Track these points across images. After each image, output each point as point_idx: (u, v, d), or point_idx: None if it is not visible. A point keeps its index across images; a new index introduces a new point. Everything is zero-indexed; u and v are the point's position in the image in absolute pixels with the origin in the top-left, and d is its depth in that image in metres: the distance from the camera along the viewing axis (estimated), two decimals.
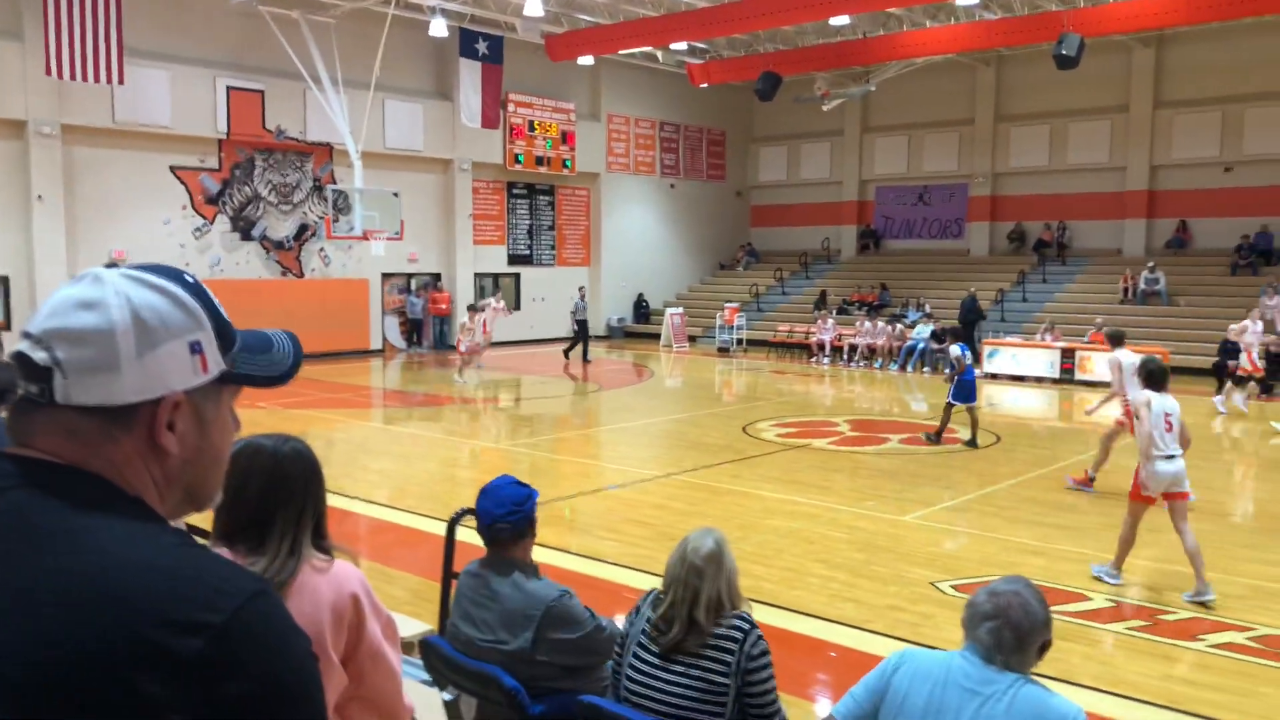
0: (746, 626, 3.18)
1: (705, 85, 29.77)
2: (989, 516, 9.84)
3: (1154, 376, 7.64)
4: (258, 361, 1.29)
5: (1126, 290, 25.64)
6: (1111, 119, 28.38)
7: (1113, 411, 11.55)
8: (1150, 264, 25.78)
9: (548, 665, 3.44)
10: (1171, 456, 7.31)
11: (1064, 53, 20.66)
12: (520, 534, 3.59)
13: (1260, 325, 17.61)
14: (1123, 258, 27.85)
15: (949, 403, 13.47)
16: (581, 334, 24.97)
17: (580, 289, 27.07)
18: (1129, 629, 6.71)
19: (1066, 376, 21.37)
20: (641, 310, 32.92)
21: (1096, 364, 21.23)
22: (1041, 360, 21.88)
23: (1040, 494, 10.83)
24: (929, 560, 8.25)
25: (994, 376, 22.26)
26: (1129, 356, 10.61)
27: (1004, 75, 30.23)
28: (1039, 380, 21.57)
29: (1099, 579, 7.57)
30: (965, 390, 13.22)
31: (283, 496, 2.32)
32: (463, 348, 20.47)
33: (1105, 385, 20.72)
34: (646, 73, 31.30)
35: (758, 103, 30.24)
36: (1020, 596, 2.72)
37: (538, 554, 3.82)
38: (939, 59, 27.30)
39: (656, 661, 3.20)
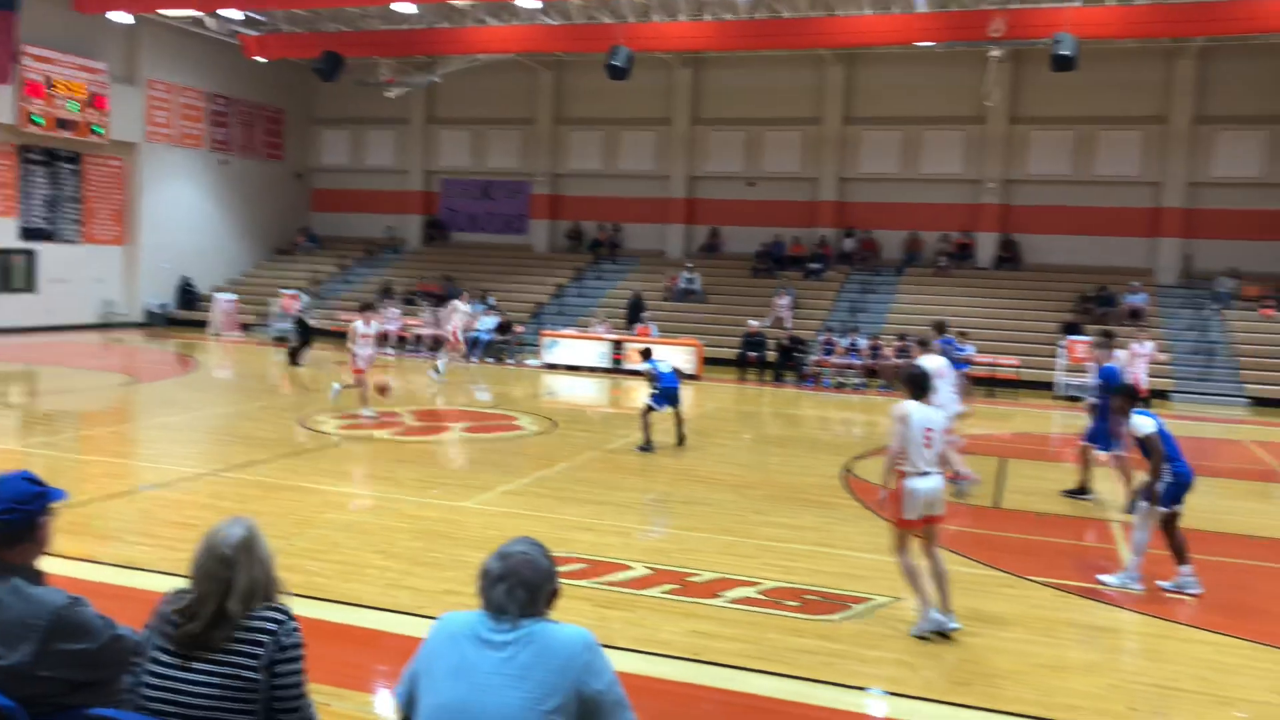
0: (282, 618, 3.03)
1: (262, 59, 28.10)
2: (544, 498, 10.30)
3: (916, 384, 6.91)
4: None
5: (669, 288, 28.08)
6: (657, 130, 30.93)
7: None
8: (689, 265, 28.47)
9: (53, 681, 3.03)
10: (927, 474, 6.68)
11: (615, 64, 22.14)
12: (18, 536, 3.12)
13: (1148, 346, 17.33)
14: (666, 259, 30.49)
15: (649, 407, 13.25)
16: (303, 334, 22.35)
17: (302, 290, 24.41)
18: (663, 593, 7.35)
19: (616, 366, 22.97)
20: (188, 295, 30.33)
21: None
22: (594, 351, 23.32)
23: (592, 474, 11.53)
24: (487, 543, 8.34)
25: (552, 366, 23.36)
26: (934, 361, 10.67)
27: (563, 79, 31.76)
28: (592, 370, 22.96)
29: (921, 637, 6.56)
30: (669, 396, 13.29)
31: None
32: (359, 364, 14.73)
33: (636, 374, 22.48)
34: (196, 39, 28.86)
35: (319, 83, 29.13)
36: (527, 555, 2.90)
37: (54, 566, 3.36)
38: (502, 57, 28.03)
39: (177, 663, 2.95)
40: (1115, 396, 8.37)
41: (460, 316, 20.27)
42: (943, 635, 6.57)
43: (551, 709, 2.67)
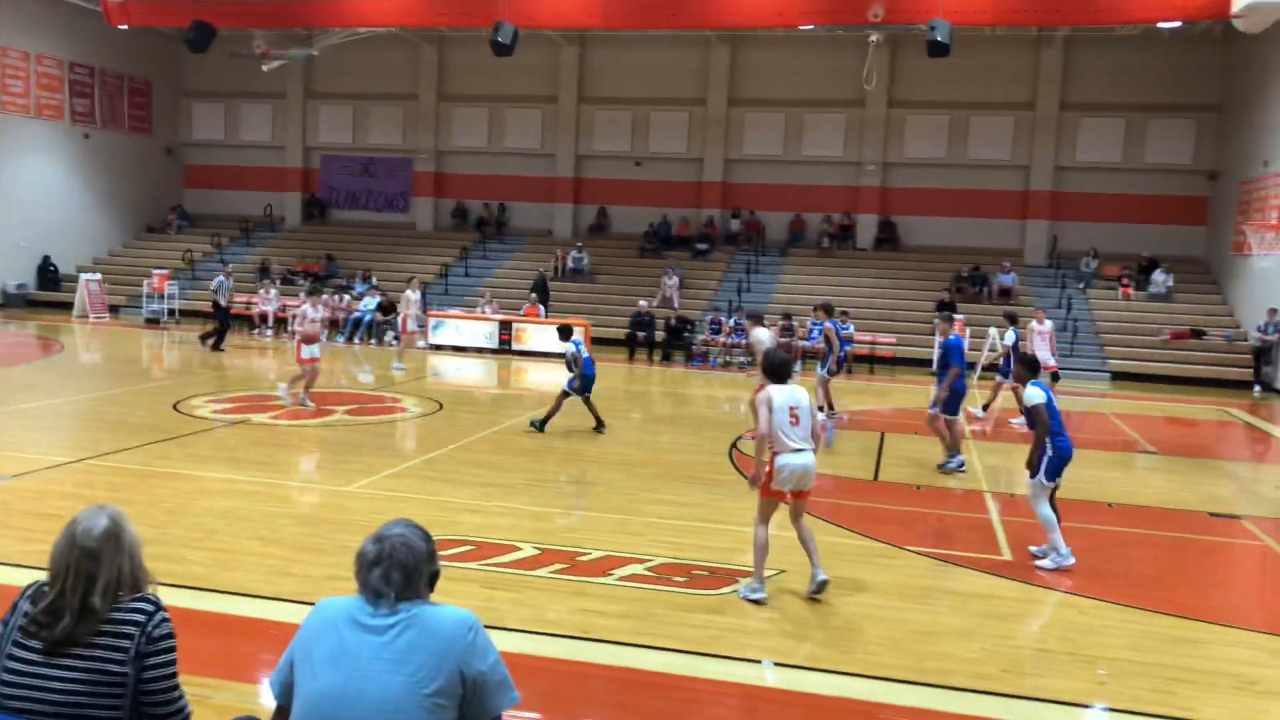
0: (150, 609, 2.92)
1: (126, 27, 26.76)
2: (431, 480, 10.17)
3: (775, 370, 7.13)
4: None
5: (557, 268, 27.96)
6: (543, 108, 30.66)
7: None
8: (579, 245, 28.39)
9: None
10: (800, 450, 6.91)
11: (499, 40, 21.83)
12: None
13: (1048, 325, 17.24)
14: (553, 238, 30.34)
15: (565, 392, 13.06)
16: (221, 318, 21.18)
17: (224, 266, 23.18)
18: (552, 573, 7.35)
19: (504, 346, 22.80)
20: (49, 275, 28.80)
21: (531, 335, 22.96)
22: (481, 332, 23.08)
23: (480, 456, 11.43)
24: (371, 528, 8.18)
25: (438, 348, 23.04)
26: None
27: (446, 55, 31.18)
28: (480, 350, 22.73)
29: (748, 600, 6.88)
30: (586, 383, 13.13)
31: None
32: (303, 353, 14.07)
33: (537, 355, 22.35)
34: (54, 4, 27.32)
35: (189, 54, 27.95)
36: (403, 537, 2.86)
37: None
38: (382, 31, 27.34)
39: (39, 659, 2.81)
40: (1019, 366, 8.69)
41: (411, 305, 19.86)
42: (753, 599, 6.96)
43: (433, 691, 2.64)
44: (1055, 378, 16.84)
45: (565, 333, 13.47)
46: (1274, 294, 21.65)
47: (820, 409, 14.38)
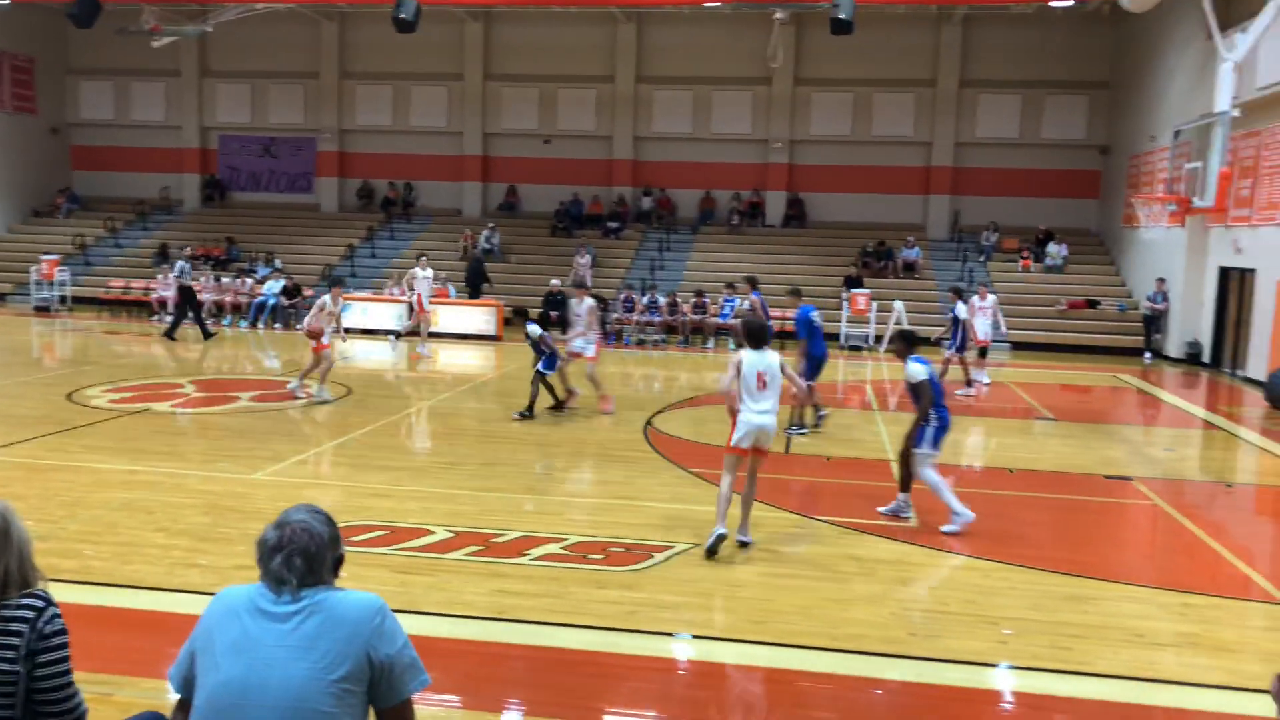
0: (41, 605, 2.81)
1: (6, 1, 25.46)
2: (341, 466, 10.00)
3: (753, 335, 7.70)
4: None
5: (466, 248, 27.64)
6: (449, 86, 30.19)
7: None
8: (489, 225, 28.09)
9: None
10: (763, 411, 7.41)
11: (402, 16, 21.37)
12: None
13: (990, 300, 17.65)
14: (463, 217, 29.96)
15: (540, 374, 12.90)
16: (189, 302, 20.48)
17: (185, 250, 22.36)
18: (467, 555, 7.30)
19: (414, 329, 22.39)
20: None
21: (442, 316, 22.67)
22: (390, 314, 22.69)
23: (390, 440, 11.28)
24: (277, 516, 8.11)
25: (346, 331, 22.56)
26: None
27: (348, 31, 30.45)
28: (389, 333, 22.34)
29: (711, 545, 7.34)
30: (550, 362, 13.04)
31: None
32: (323, 339, 13.91)
33: (449, 336, 22.13)
34: None
35: (75, 29, 26.70)
36: (305, 523, 2.81)
37: None
38: (280, 7, 26.54)
39: None
40: (895, 340, 9.04)
41: (423, 283, 19.61)
42: (716, 543, 7.44)
43: (340, 677, 2.60)
44: (983, 353, 17.45)
45: (524, 315, 13.58)
46: (1162, 264, 22.58)
47: None
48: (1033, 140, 27.99)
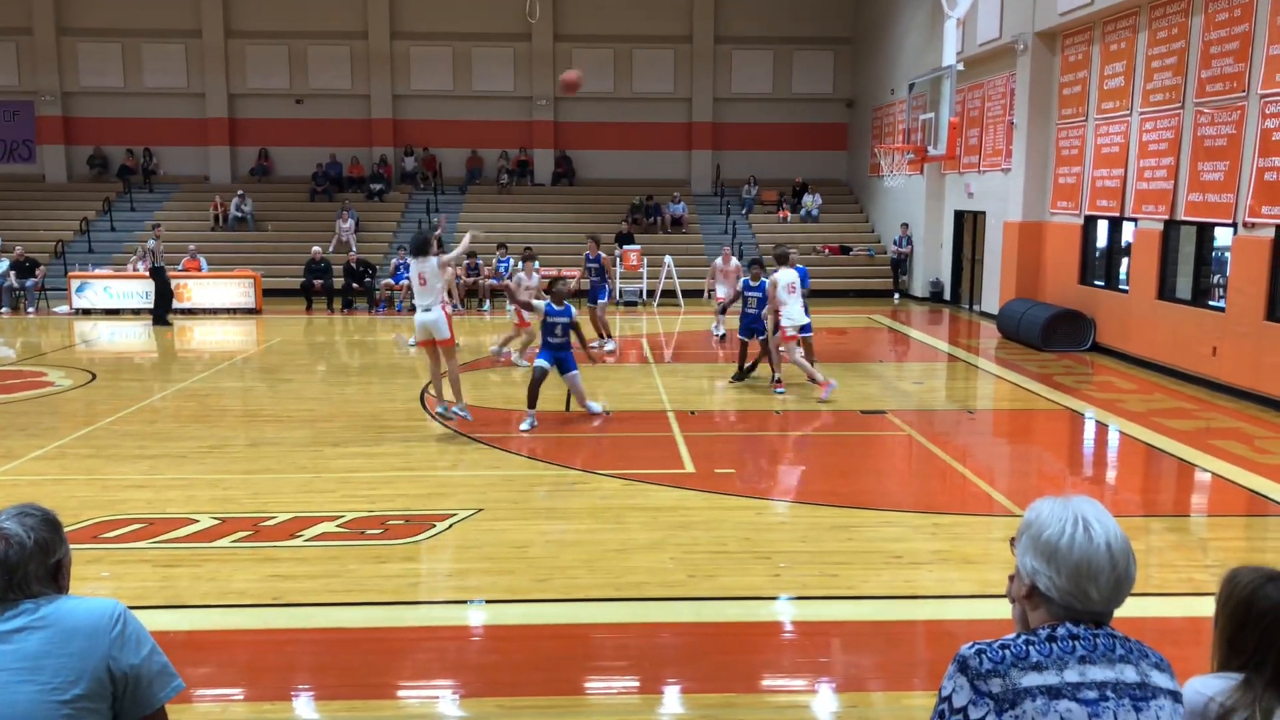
0: None
1: None
2: (88, 458, 9.22)
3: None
4: None
5: (217, 216, 25.97)
6: (185, 42, 28.08)
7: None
8: (240, 191, 26.46)
9: None
10: (428, 309, 10.18)
11: None
12: None
13: (734, 263, 17.59)
14: (211, 184, 28.10)
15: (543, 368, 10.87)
16: (163, 284, 18.89)
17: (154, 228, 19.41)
18: (234, 542, 6.92)
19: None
20: None
21: (193, 291, 21.26)
22: (137, 290, 21.05)
23: (143, 427, 10.50)
24: None
25: (86, 312, 20.81)
26: (788, 275, 12.07)
27: None
28: (136, 312, 20.76)
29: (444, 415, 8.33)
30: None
31: None
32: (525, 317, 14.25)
33: (202, 312, 20.84)
34: None
35: None
36: (5, 529, 2.45)
37: None
38: None
39: None
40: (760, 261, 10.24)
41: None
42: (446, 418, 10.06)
43: (74, 697, 2.31)
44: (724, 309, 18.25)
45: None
46: (905, 210, 24.18)
47: (602, 336, 15.85)
48: (785, 95, 29.17)
